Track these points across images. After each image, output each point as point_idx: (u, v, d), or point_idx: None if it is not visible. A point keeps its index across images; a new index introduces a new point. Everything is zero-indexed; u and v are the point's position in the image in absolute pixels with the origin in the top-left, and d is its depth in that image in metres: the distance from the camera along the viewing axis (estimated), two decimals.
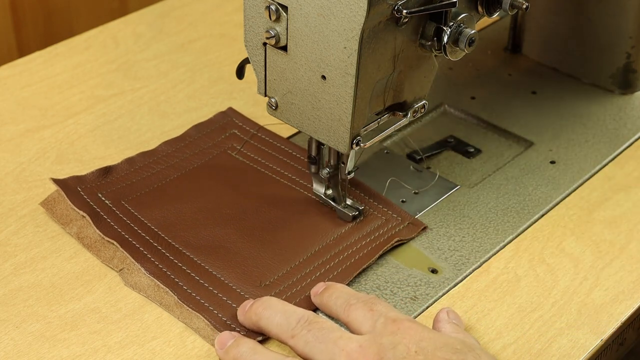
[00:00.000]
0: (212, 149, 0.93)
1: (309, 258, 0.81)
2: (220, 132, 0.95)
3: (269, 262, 0.80)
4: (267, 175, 0.90)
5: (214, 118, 0.97)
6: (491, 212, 0.87)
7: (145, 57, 1.08)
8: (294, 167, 0.91)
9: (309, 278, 0.79)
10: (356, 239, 0.83)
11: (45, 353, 0.73)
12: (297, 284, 0.78)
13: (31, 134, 0.96)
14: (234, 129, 0.95)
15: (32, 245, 0.82)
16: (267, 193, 0.88)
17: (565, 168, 0.93)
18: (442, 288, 0.80)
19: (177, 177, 0.89)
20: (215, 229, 0.83)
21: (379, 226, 0.84)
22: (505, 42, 1.11)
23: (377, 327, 0.69)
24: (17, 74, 1.05)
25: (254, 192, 0.88)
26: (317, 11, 0.72)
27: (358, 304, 0.72)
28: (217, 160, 0.92)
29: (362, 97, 0.75)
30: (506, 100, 1.03)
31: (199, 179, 0.89)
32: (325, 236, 0.83)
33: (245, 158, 0.92)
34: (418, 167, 0.92)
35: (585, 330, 0.76)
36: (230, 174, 0.90)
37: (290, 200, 0.87)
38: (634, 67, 1.02)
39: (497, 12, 0.79)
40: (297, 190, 0.88)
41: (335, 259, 0.81)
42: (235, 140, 0.94)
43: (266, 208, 0.86)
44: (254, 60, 0.80)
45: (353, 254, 0.81)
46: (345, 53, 0.72)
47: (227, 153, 0.92)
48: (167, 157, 0.92)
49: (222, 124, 0.96)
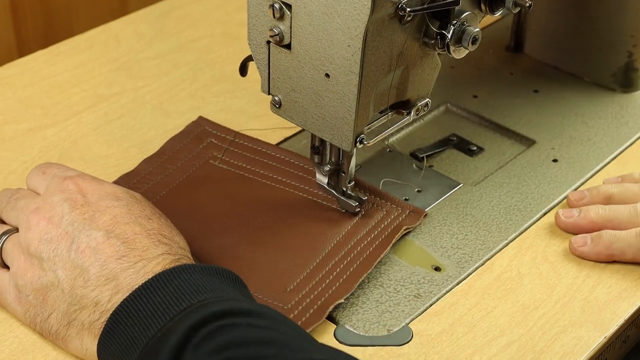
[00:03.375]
0: (193, 160, 0.91)
1: (324, 258, 0.81)
2: (197, 142, 0.93)
3: (287, 267, 0.80)
4: (257, 181, 0.89)
5: (187, 129, 0.95)
6: (494, 210, 0.87)
7: (147, 56, 1.08)
8: (283, 170, 0.90)
9: (329, 277, 0.79)
10: (364, 233, 0.83)
11: (50, 351, 0.72)
12: (318, 285, 0.78)
13: (34, 133, 0.96)
14: (210, 138, 0.93)
15: None
16: (262, 198, 0.87)
17: (567, 166, 0.93)
18: (445, 286, 0.80)
19: (166, 193, 0.87)
20: (221, 240, 0.82)
21: (382, 218, 0.84)
22: (507, 41, 1.12)
23: (50, 187, 0.75)
24: (19, 73, 1.05)
25: (248, 198, 0.87)
26: (321, 9, 0.72)
27: (33, 171, 0.79)
28: (202, 172, 0.90)
29: (366, 95, 0.75)
30: (508, 98, 1.03)
31: (189, 193, 0.87)
32: (334, 234, 0.83)
33: (229, 166, 0.90)
34: (421, 165, 0.93)
35: (588, 328, 0.76)
36: (219, 183, 0.88)
37: (288, 203, 0.87)
38: (636, 66, 1.02)
39: (500, 11, 0.79)
40: (291, 192, 0.88)
41: (349, 255, 0.81)
42: (214, 149, 0.92)
43: (265, 213, 0.85)
44: (257, 59, 0.80)
45: (365, 247, 0.81)
46: (349, 51, 0.73)
47: (210, 163, 0.91)
48: (150, 175, 0.89)
49: (196, 133, 0.94)
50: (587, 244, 0.82)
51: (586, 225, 0.84)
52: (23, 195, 0.77)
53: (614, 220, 0.83)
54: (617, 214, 0.83)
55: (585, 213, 0.84)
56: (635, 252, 0.81)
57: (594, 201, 0.86)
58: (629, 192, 0.86)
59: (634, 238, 0.81)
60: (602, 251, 0.82)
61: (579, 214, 0.84)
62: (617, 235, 0.82)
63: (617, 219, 0.83)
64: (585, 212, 0.84)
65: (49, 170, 0.78)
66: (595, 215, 0.84)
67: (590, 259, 0.82)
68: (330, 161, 0.83)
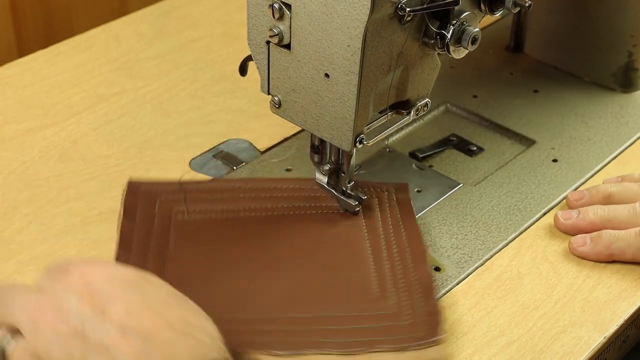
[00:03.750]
0: (163, 223, 0.83)
1: (376, 263, 0.80)
2: (151, 207, 0.84)
3: (355, 281, 0.78)
4: (244, 217, 0.84)
5: (127, 200, 0.84)
6: (494, 210, 0.87)
7: (147, 56, 1.08)
8: (258, 198, 0.85)
9: (397, 279, 0.78)
10: (381, 226, 0.83)
11: None
12: (392, 289, 0.77)
13: (34, 133, 0.96)
14: (156, 198, 0.85)
15: (37, 243, 0.82)
16: (260, 231, 0.82)
17: (567, 166, 0.93)
18: (445, 286, 0.80)
19: (169, 265, 0.79)
20: (266, 282, 0.77)
21: (380, 203, 0.85)
22: (507, 41, 1.12)
23: (50, 277, 0.63)
24: (19, 73, 1.05)
25: (255, 237, 0.82)
26: (320, 9, 0.72)
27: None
28: (184, 231, 0.82)
29: (366, 95, 0.75)
30: (508, 98, 1.03)
31: (189, 260, 0.80)
32: (361, 237, 0.82)
33: (203, 214, 0.84)
34: (420, 165, 0.93)
35: (588, 328, 0.76)
36: (212, 234, 0.82)
37: (291, 225, 0.83)
38: (636, 66, 1.02)
39: (500, 11, 0.79)
40: (288, 215, 0.84)
41: (393, 252, 0.81)
42: (171, 204, 0.84)
43: (279, 243, 0.81)
44: (257, 59, 0.80)
45: (398, 239, 0.82)
46: (348, 51, 0.72)
47: (184, 220, 0.83)
48: (135, 256, 0.80)
49: (143, 199, 0.85)
50: (587, 243, 0.82)
51: (585, 226, 0.84)
52: (17, 290, 0.64)
53: (613, 220, 0.83)
54: (617, 214, 0.83)
55: (584, 214, 0.84)
56: (635, 251, 0.81)
57: (593, 201, 0.86)
58: (628, 191, 0.86)
59: (633, 237, 0.81)
60: (602, 251, 0.82)
61: (578, 215, 0.84)
62: (617, 234, 0.81)
63: (616, 219, 0.83)
64: (584, 213, 0.84)
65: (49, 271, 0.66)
66: (594, 215, 0.84)
67: (590, 258, 0.82)
68: (329, 160, 0.83)
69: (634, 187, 0.86)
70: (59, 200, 0.87)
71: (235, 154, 0.94)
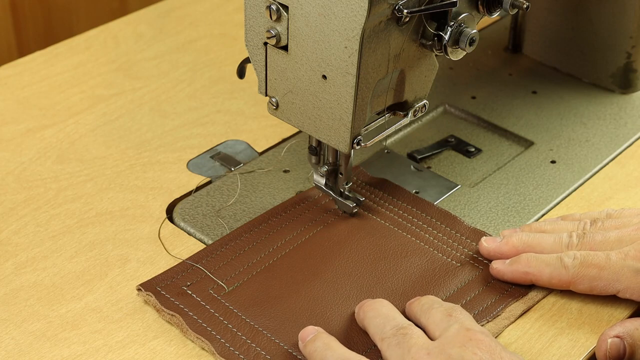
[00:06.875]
0: (217, 306, 0.77)
1: (424, 242, 0.83)
2: (186, 297, 0.77)
3: (429, 264, 0.80)
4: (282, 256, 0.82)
5: (160, 299, 0.77)
6: (492, 212, 0.87)
7: (146, 57, 1.08)
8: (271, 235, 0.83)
9: (452, 244, 0.82)
10: (391, 211, 0.86)
11: (47, 352, 0.73)
12: (457, 253, 0.82)
13: (32, 134, 0.96)
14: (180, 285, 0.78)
15: (33, 244, 0.82)
16: (312, 261, 0.81)
17: (566, 168, 0.93)
18: None
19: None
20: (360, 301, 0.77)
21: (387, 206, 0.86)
22: (506, 41, 1.12)
23: (449, 334, 0.69)
24: (17, 74, 1.05)
25: (307, 271, 0.80)
26: (318, 11, 0.72)
27: (440, 308, 0.73)
28: (241, 302, 0.77)
29: (363, 97, 0.75)
30: (507, 99, 1.03)
31: (278, 321, 0.76)
32: (392, 231, 0.84)
33: (239, 277, 0.79)
34: (418, 166, 0.92)
35: (585, 330, 0.76)
36: (269, 291, 0.78)
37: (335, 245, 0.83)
38: (634, 67, 1.02)
39: (498, 12, 0.79)
40: (311, 236, 0.83)
41: (423, 225, 0.84)
42: (202, 285, 0.78)
43: (335, 264, 0.80)
44: (254, 60, 0.80)
45: (413, 213, 0.85)
46: (346, 53, 0.72)
47: (231, 291, 0.78)
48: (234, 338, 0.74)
49: (172, 292, 0.78)
50: (505, 263, 0.79)
51: (508, 251, 0.80)
52: (414, 333, 0.70)
53: (536, 247, 0.79)
54: (541, 241, 0.79)
55: (507, 239, 0.80)
56: (552, 271, 0.77)
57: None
58: (562, 228, 0.81)
59: (554, 259, 0.77)
60: (518, 269, 0.78)
61: (502, 239, 0.81)
62: (536, 255, 0.78)
63: (539, 246, 0.79)
64: (507, 238, 0.80)
65: (455, 315, 0.71)
66: (517, 240, 0.80)
67: (505, 278, 0.79)
68: (327, 162, 0.83)
69: (567, 225, 0.81)
70: (56, 201, 0.87)
71: (233, 155, 0.94)
